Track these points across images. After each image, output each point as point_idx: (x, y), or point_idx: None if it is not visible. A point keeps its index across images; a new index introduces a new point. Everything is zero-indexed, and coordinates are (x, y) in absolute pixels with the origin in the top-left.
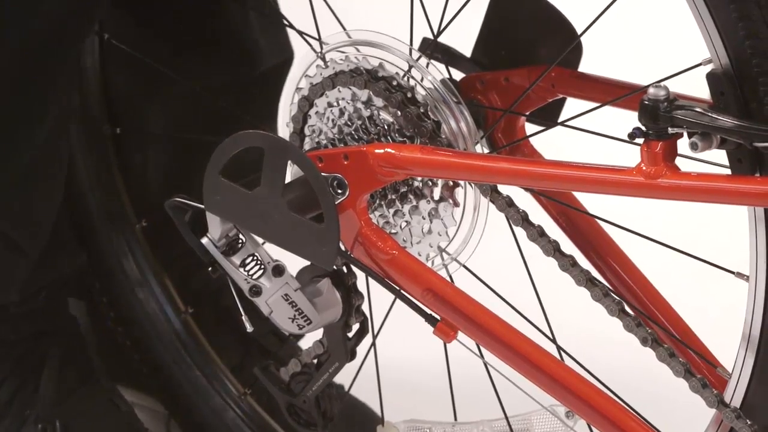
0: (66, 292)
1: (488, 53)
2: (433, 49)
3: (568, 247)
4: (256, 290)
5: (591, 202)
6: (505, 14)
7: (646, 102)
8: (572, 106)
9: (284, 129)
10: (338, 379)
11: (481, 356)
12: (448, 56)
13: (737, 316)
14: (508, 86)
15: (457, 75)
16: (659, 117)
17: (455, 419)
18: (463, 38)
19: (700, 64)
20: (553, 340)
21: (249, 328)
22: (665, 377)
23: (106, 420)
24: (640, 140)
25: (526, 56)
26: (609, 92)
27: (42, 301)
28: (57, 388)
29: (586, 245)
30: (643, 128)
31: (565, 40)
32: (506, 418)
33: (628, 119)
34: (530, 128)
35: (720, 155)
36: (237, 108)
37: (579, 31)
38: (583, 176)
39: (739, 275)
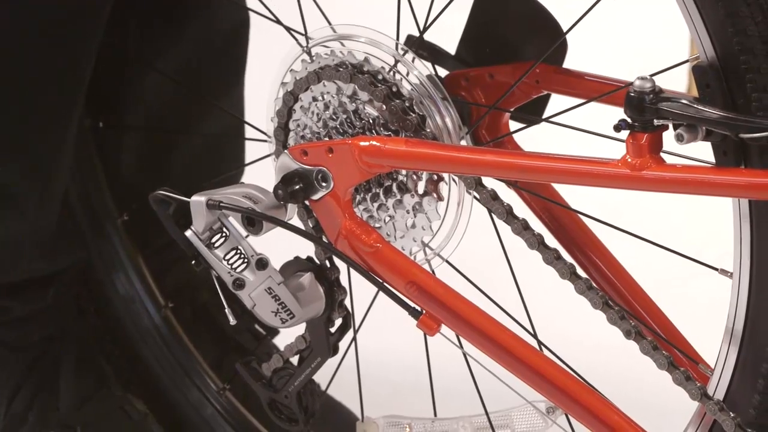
0: (74, 294)
1: (473, 51)
2: (418, 46)
3: (551, 241)
4: (240, 283)
5: (576, 198)
6: (490, 12)
7: (632, 94)
8: (557, 102)
9: (270, 124)
10: (316, 377)
11: (460, 346)
12: (433, 54)
13: (719, 312)
14: (492, 83)
15: (442, 72)
16: (645, 109)
17: (435, 415)
18: (447, 36)
19: (687, 61)
20: (534, 335)
21: (232, 321)
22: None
23: (120, 428)
24: (626, 133)
25: (510, 53)
26: (594, 88)
27: (50, 300)
28: (75, 394)
29: (569, 241)
30: (629, 120)
31: (550, 37)
32: (486, 413)
33: (612, 116)
34: (514, 125)
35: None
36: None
37: (564, 28)
38: (568, 168)
39: (723, 272)
